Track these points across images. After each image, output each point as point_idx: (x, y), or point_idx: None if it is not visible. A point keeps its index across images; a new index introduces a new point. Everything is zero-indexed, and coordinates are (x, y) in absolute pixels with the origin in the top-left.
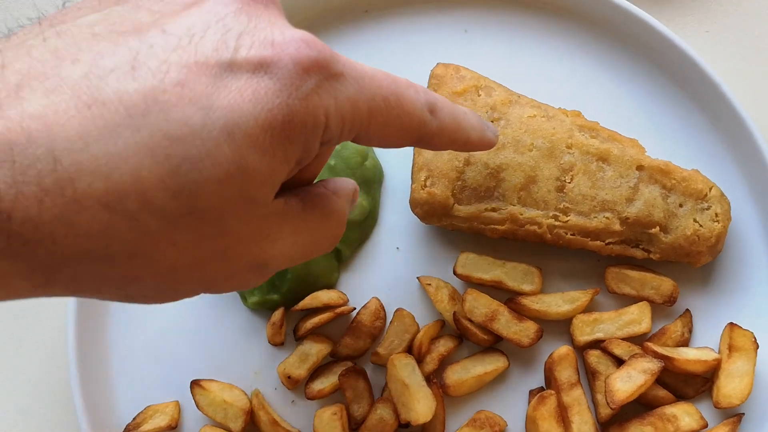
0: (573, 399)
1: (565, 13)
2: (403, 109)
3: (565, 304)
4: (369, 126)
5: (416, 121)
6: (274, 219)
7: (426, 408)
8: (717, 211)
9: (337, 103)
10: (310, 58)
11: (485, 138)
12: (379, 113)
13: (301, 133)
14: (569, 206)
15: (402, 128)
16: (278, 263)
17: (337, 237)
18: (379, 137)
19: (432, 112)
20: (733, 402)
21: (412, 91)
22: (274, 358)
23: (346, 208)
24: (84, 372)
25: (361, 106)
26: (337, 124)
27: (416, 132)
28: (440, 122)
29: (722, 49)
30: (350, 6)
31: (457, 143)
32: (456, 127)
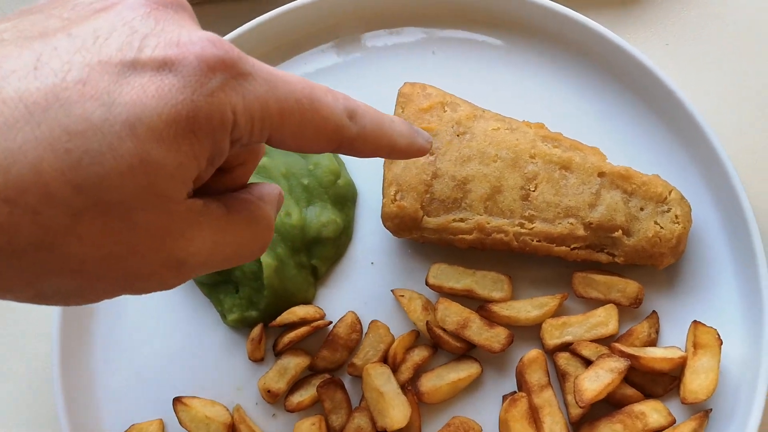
0: (544, 400)
1: (527, 32)
2: (318, 112)
3: (534, 309)
4: (282, 127)
5: (332, 125)
6: (190, 217)
7: (401, 414)
8: (677, 214)
9: (244, 101)
10: (215, 57)
11: (415, 144)
12: (292, 115)
13: (207, 130)
14: (534, 214)
15: (318, 131)
16: (197, 263)
17: (265, 242)
18: (293, 139)
19: (352, 117)
20: (699, 397)
21: (330, 97)
22: (255, 374)
23: (272, 213)
24: (68, 392)
25: (271, 105)
26: (245, 122)
27: (334, 136)
28: (361, 128)
29: (681, 61)
30: (321, 32)
31: (383, 149)
32: (379, 133)
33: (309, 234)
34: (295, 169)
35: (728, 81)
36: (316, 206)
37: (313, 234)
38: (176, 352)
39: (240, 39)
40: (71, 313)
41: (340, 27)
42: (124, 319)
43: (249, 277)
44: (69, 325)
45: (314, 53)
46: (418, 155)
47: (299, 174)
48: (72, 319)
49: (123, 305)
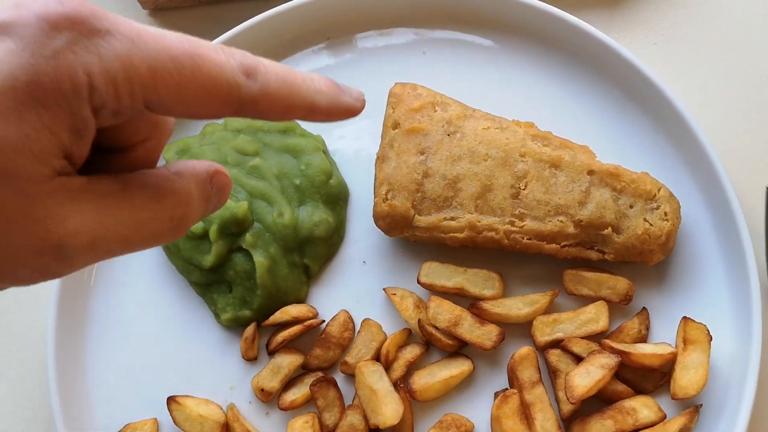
0: (535, 397)
1: (517, 32)
2: (202, 69)
3: (526, 306)
4: (157, 89)
5: (224, 83)
6: (61, 197)
7: (393, 411)
8: (666, 211)
9: (102, 62)
10: (59, 13)
11: (340, 103)
12: (168, 74)
13: (56, 96)
14: (524, 212)
15: (206, 91)
16: (81, 245)
17: (178, 219)
18: (178, 103)
19: (251, 74)
20: (689, 393)
21: (221, 53)
22: (249, 373)
23: (189, 188)
24: (63, 392)
25: (138, 65)
26: (105, 86)
27: (228, 96)
28: (264, 85)
29: (669, 60)
30: (313, 34)
31: (298, 109)
32: (289, 90)
33: (301, 233)
34: (287, 169)
35: (716, 79)
36: (308, 206)
37: (305, 233)
38: (170, 352)
39: (231, 42)
40: (65, 314)
41: (331, 28)
42: (118, 319)
43: (242, 276)
44: (63, 326)
45: (305, 55)
46: (346, 116)
47: (291, 174)
48: (66, 320)
49: (117, 305)
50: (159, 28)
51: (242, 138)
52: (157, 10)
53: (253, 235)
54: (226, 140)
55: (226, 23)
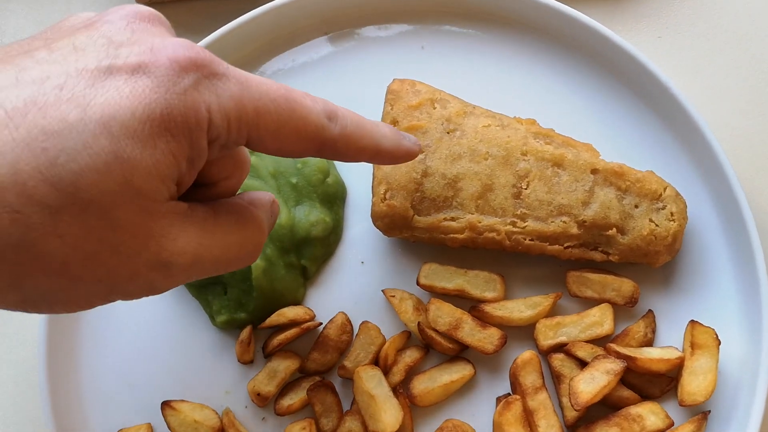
0: (538, 403)
1: (518, 26)
2: (296, 112)
3: (528, 309)
4: (259, 127)
5: (312, 125)
6: (173, 218)
7: (393, 418)
8: (672, 211)
9: (219, 100)
10: (187, 57)
11: (401, 146)
12: (268, 114)
13: (182, 128)
14: (526, 212)
15: (297, 132)
16: (184, 264)
17: (257, 245)
18: (273, 140)
19: (332, 118)
20: (697, 399)
21: (308, 99)
22: (244, 377)
23: (263, 217)
24: (54, 397)
25: (246, 105)
26: (221, 121)
27: (314, 136)
28: (342, 128)
29: (674, 54)
30: (309, 29)
31: (367, 151)
32: (362, 133)
33: (298, 234)
34: (283, 167)
35: (723, 74)
36: (305, 205)
37: (302, 234)
38: (164, 355)
39: (227, 37)
40: (57, 316)
41: (328, 23)
42: (110, 322)
43: (238, 278)
44: (55, 329)
45: (301, 50)
46: (406, 158)
47: (288, 173)
48: (58, 323)
49: (109, 307)
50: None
51: None
52: (152, 5)
53: None
54: None
55: (220, 18)
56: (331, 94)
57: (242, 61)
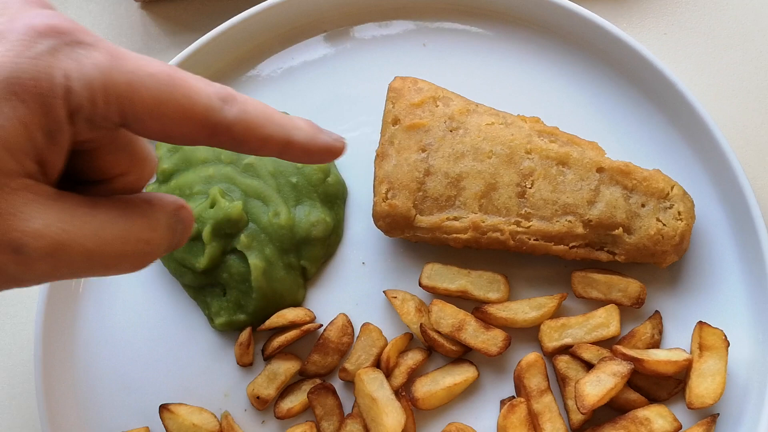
0: (543, 406)
1: (521, 23)
2: (179, 89)
3: (532, 310)
4: (134, 103)
5: (201, 106)
6: (29, 197)
7: (395, 422)
8: (680, 210)
9: (80, 67)
10: (46, 24)
11: (317, 140)
12: (145, 89)
13: (32, 92)
14: (531, 211)
15: (182, 111)
16: (41, 249)
17: (144, 243)
18: (153, 120)
19: (227, 101)
20: (706, 402)
21: (198, 80)
22: (244, 379)
23: (158, 217)
24: (51, 400)
25: (116, 77)
26: (82, 90)
27: (203, 118)
28: (241, 112)
29: (680, 51)
30: (309, 26)
31: (274, 141)
32: (266, 120)
33: (298, 234)
34: (282, 167)
35: (730, 71)
36: (305, 205)
37: (302, 234)
38: (162, 358)
39: (225, 35)
40: (53, 318)
41: (327, 21)
42: (107, 324)
43: (236, 279)
44: (51, 331)
45: (300, 48)
46: (326, 155)
47: (287, 172)
48: (54, 325)
49: (107, 309)
50: (151, 20)
51: None
52: (149, 2)
53: (247, 236)
54: None
55: (219, 16)
56: (332, 93)
57: (241, 59)
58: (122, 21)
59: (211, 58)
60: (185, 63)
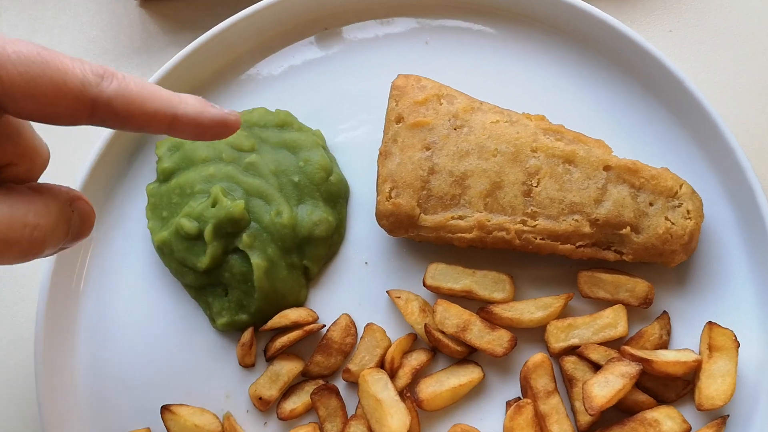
0: (551, 407)
1: (525, 20)
2: (51, 64)
3: (538, 310)
4: (2, 80)
5: (76, 81)
6: None
7: (400, 423)
8: (689, 208)
9: None
10: None
11: (206, 113)
12: (12, 65)
13: None
14: (537, 210)
15: (56, 87)
16: None
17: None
18: (27, 98)
19: (105, 77)
20: (716, 403)
21: (71, 58)
22: (246, 380)
23: (49, 204)
24: (51, 401)
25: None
26: None
27: (79, 94)
28: (120, 88)
29: (686, 48)
30: (310, 23)
31: (159, 116)
32: (149, 95)
33: (300, 233)
34: (285, 165)
35: (737, 68)
36: (308, 204)
37: (304, 233)
38: (164, 359)
39: (226, 33)
40: (53, 318)
41: (328, 18)
42: (109, 325)
43: (238, 279)
44: (51, 332)
45: (302, 45)
46: (219, 130)
47: (289, 171)
48: (54, 325)
49: (108, 310)
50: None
51: (238, 133)
52: (148, 1)
53: (249, 235)
54: None
55: (219, 14)
56: (333, 91)
57: (240, 58)
58: (121, 19)
59: (210, 56)
60: (184, 62)
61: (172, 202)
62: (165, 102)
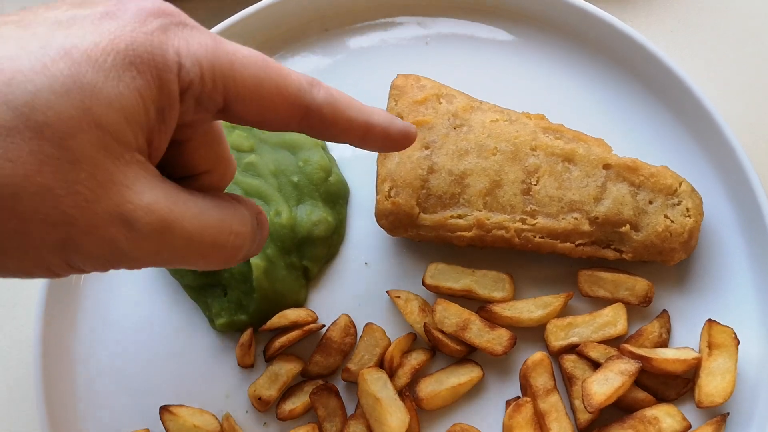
0: (550, 405)
1: (524, 19)
2: (274, 70)
3: (538, 309)
4: (236, 81)
5: (294, 86)
6: (140, 172)
7: (399, 422)
8: (688, 206)
9: (189, 45)
10: (155, 6)
11: (395, 124)
12: (244, 68)
13: (149, 65)
14: (536, 209)
15: (279, 91)
16: (150, 224)
17: (235, 234)
18: (253, 101)
19: (314, 85)
20: (716, 401)
21: (284, 67)
22: (245, 381)
23: (246, 215)
24: (50, 404)
25: (220, 56)
26: (192, 66)
27: (296, 99)
28: (328, 95)
29: (687, 47)
30: (310, 25)
31: (358, 124)
32: (348, 104)
33: (300, 233)
34: (284, 166)
35: (738, 67)
36: (307, 204)
37: (303, 233)
38: (163, 359)
39: (227, 32)
40: (53, 319)
41: (329, 19)
42: (107, 325)
43: (237, 279)
44: (51, 332)
45: (302, 46)
46: (403, 140)
47: (289, 171)
48: (54, 326)
49: (106, 310)
50: None
51: (237, 134)
52: None
53: None
54: None
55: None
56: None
57: None
58: None
59: None
60: None
61: None
62: (362, 111)
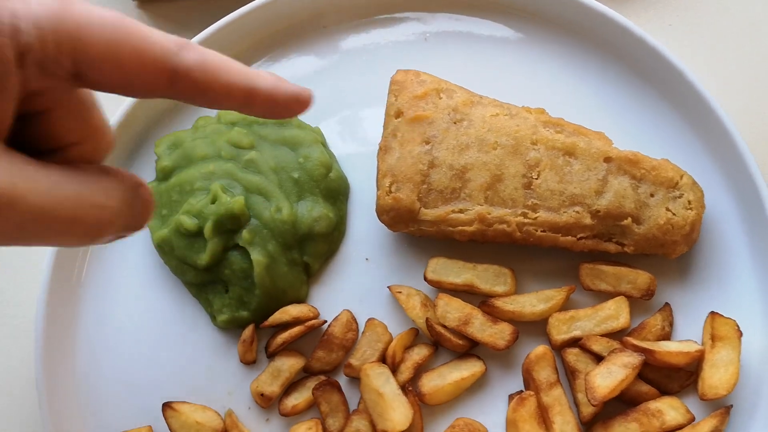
0: (553, 399)
1: (523, 14)
2: (133, 31)
3: (540, 303)
4: (86, 45)
5: (158, 48)
6: None
7: (402, 416)
8: (690, 199)
9: (29, 8)
10: None
11: (281, 88)
12: (98, 32)
13: None
14: (537, 202)
15: (139, 55)
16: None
17: (97, 207)
18: (110, 66)
19: (184, 48)
20: (719, 393)
21: (150, 28)
22: (247, 377)
23: (116, 187)
24: (53, 400)
25: (66, 17)
26: (32, 29)
27: (161, 63)
28: (200, 57)
29: (686, 41)
30: (308, 22)
31: (237, 89)
32: (227, 66)
33: (300, 230)
34: (284, 162)
35: (734, 60)
36: (308, 201)
37: (304, 230)
38: (165, 356)
39: (222, 31)
40: (53, 317)
41: (327, 15)
42: (109, 323)
43: (239, 275)
44: (51, 331)
45: (299, 44)
46: (293, 105)
47: (289, 167)
48: (54, 324)
49: (108, 308)
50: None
51: (237, 131)
52: (145, 1)
53: (249, 231)
54: (219, 133)
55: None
56: (333, 87)
57: (239, 57)
58: None
59: None
60: None
61: (172, 200)
62: (243, 75)
